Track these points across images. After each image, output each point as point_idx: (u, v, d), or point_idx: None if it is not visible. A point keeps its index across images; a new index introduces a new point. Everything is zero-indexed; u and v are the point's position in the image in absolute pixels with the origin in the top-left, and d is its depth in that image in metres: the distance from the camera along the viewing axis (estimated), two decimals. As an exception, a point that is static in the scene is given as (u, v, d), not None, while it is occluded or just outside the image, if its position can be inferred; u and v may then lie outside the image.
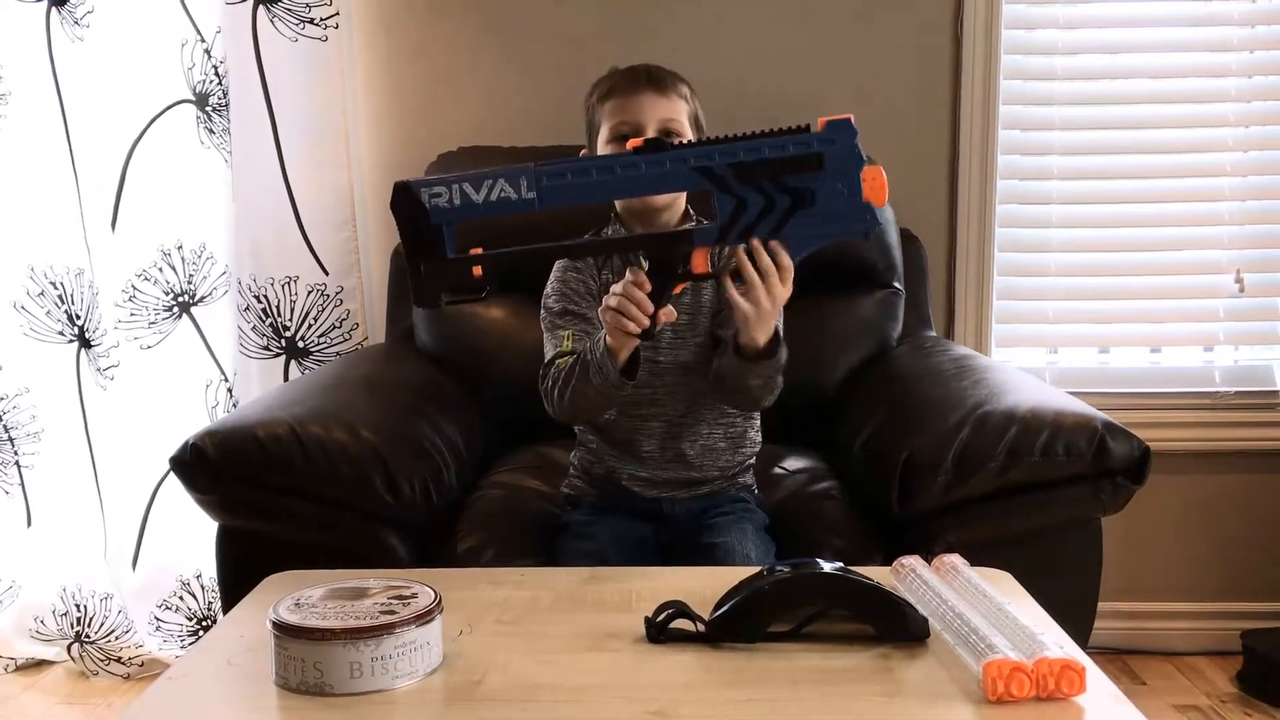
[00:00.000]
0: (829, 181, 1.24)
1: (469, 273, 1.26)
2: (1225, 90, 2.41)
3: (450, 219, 1.24)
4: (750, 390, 1.55)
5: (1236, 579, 2.47)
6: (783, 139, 1.24)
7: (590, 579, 1.32)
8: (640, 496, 1.68)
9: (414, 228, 1.24)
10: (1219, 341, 2.49)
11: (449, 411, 1.85)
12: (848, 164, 1.24)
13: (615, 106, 1.64)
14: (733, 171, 1.24)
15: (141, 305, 2.36)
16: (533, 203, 1.23)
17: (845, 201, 1.24)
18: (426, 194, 1.23)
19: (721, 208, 1.26)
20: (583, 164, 1.26)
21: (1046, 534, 1.64)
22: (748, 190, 1.25)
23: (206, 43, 2.32)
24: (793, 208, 1.26)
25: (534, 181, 1.23)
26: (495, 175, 1.23)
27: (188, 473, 1.59)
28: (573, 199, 1.25)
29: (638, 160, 1.24)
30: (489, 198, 1.22)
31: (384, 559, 1.60)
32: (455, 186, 1.23)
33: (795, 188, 1.25)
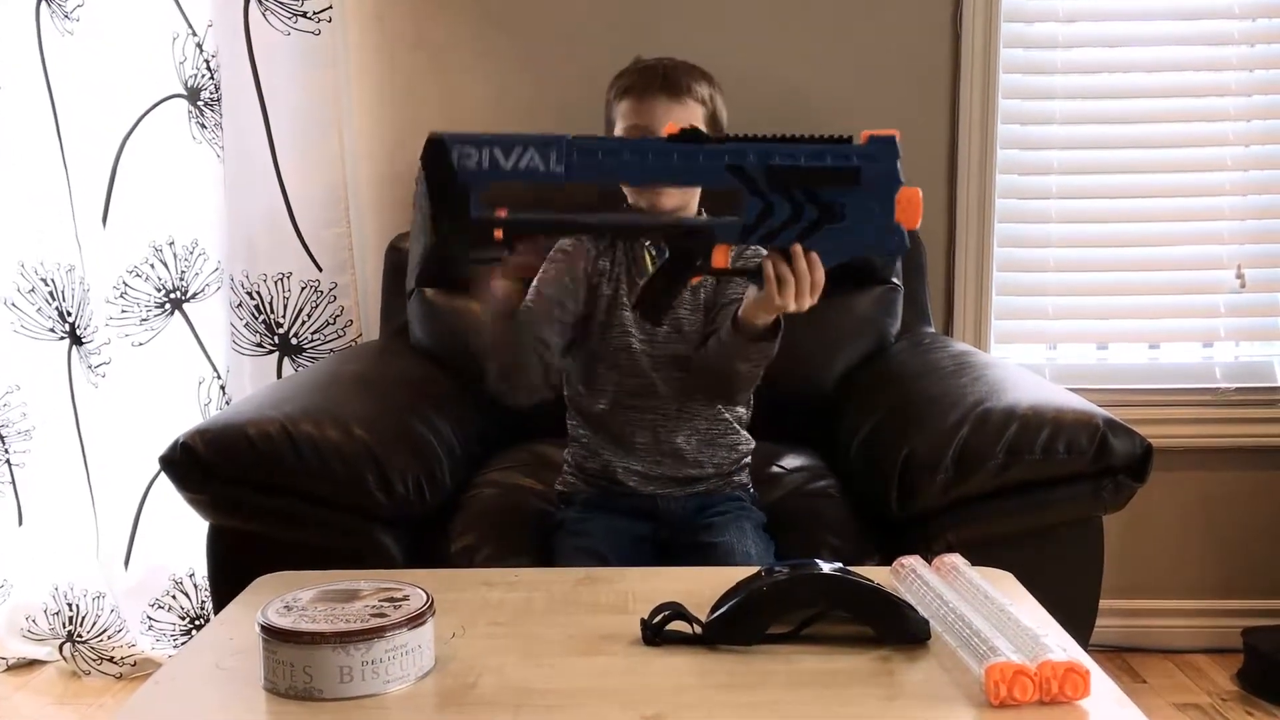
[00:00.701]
0: (862, 198, 1.21)
1: (490, 235, 1.23)
2: (1226, 85, 2.39)
3: (476, 180, 1.21)
4: (735, 375, 1.53)
5: (1237, 576, 2.46)
6: (822, 147, 1.21)
7: (585, 580, 1.30)
8: (636, 493, 1.66)
9: (440, 183, 1.22)
10: (1220, 337, 2.47)
11: (443, 409, 1.83)
12: (884, 184, 1.20)
13: (628, 108, 1.62)
14: (765, 175, 1.21)
15: (133, 302, 2.34)
16: (560, 176, 1.20)
17: (876, 220, 1.21)
18: (458, 152, 1.20)
19: (749, 209, 1.23)
20: (616, 144, 1.23)
21: (1047, 533, 1.63)
22: (777, 196, 1.22)
23: (198, 36, 2.30)
24: (820, 221, 1.22)
25: (564, 154, 1.19)
26: (527, 142, 1.19)
27: (178, 472, 1.57)
28: (600, 177, 1.23)
29: (671, 149, 1.21)
30: (517, 164, 1.19)
31: (377, 558, 1.58)
32: (486, 149, 1.19)
33: (826, 201, 1.21)
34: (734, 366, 1.51)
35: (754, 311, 1.43)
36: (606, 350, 1.67)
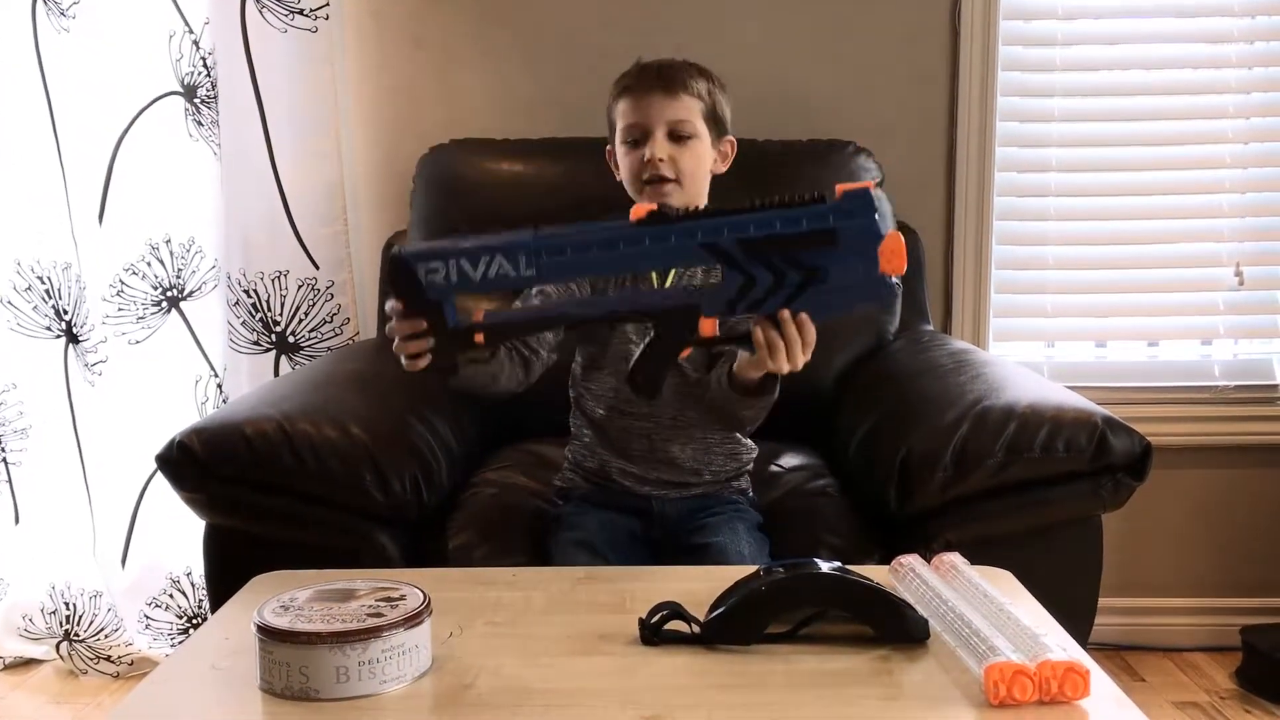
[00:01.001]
0: (843, 258, 1.18)
1: (471, 340, 1.23)
2: (1226, 81, 2.39)
3: (447, 295, 1.21)
4: (741, 419, 1.57)
5: (1236, 575, 2.46)
6: (796, 212, 1.18)
7: (584, 579, 1.30)
8: (631, 492, 1.66)
9: (412, 299, 1.22)
10: (1218, 335, 2.47)
11: (440, 408, 1.82)
12: (864, 241, 1.17)
13: (626, 107, 1.65)
14: (741, 248, 1.18)
15: (130, 300, 2.33)
16: (531, 279, 1.20)
17: (860, 275, 1.18)
18: (423, 270, 1.19)
19: (729, 282, 1.21)
20: (584, 237, 1.20)
21: (1046, 531, 1.62)
22: (757, 267, 1.19)
23: (195, 34, 2.29)
24: (804, 284, 1.20)
25: (533, 258, 1.18)
26: (492, 250, 1.18)
27: (174, 471, 1.57)
28: (573, 274, 1.26)
29: (642, 234, 1.19)
30: (486, 274, 1.18)
31: (374, 557, 1.57)
32: (452, 262, 1.19)
33: (807, 265, 1.19)
34: (737, 413, 1.54)
35: (748, 370, 1.44)
36: (607, 357, 1.67)
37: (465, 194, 2.16)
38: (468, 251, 1.18)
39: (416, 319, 1.23)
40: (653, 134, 1.61)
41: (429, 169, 2.20)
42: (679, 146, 1.62)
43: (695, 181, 1.65)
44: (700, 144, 1.64)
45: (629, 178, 1.65)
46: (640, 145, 1.63)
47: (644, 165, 1.61)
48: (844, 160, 2.15)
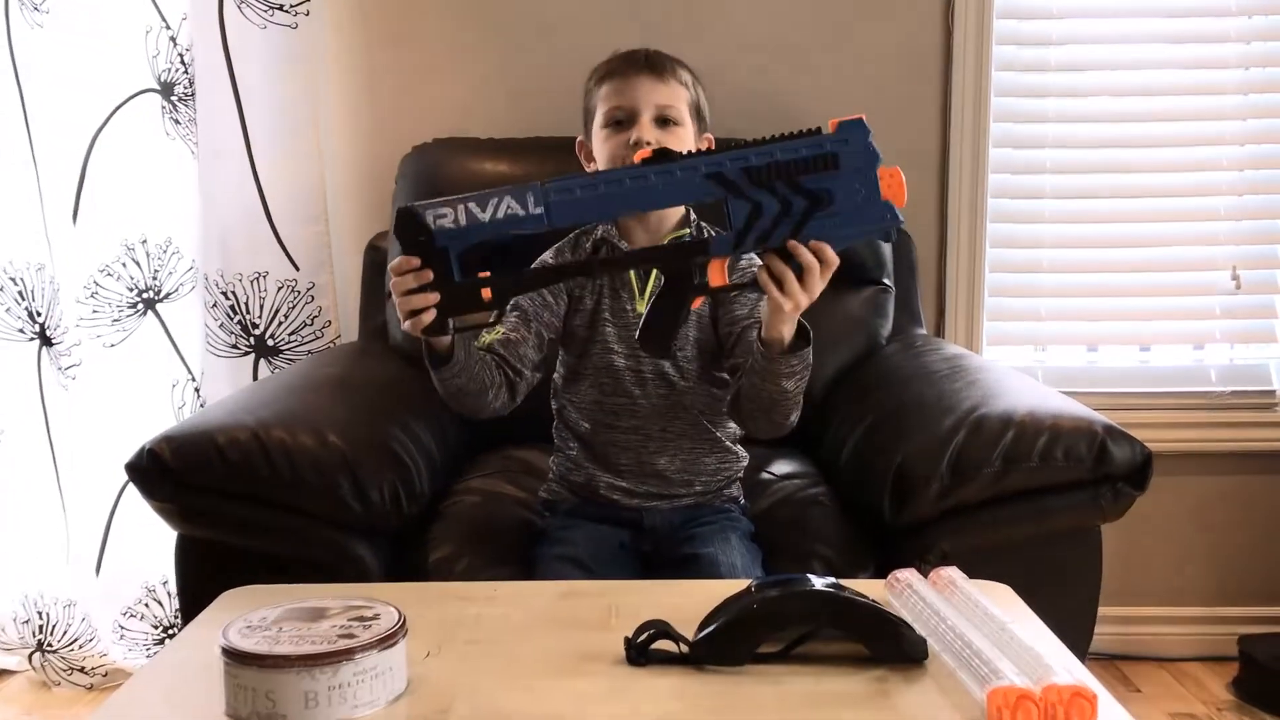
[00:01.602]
0: (845, 181, 1.20)
1: (478, 296, 1.24)
2: (1223, 82, 2.35)
3: (456, 240, 1.21)
4: (784, 397, 1.42)
5: (1233, 583, 2.42)
6: (794, 142, 1.21)
7: (567, 594, 1.25)
8: (620, 505, 1.61)
9: (420, 253, 1.22)
10: (1214, 340, 2.43)
11: (422, 413, 1.77)
12: (863, 162, 1.20)
13: (610, 90, 1.58)
14: (745, 176, 1.20)
15: (104, 302, 2.28)
16: (541, 219, 1.20)
17: (864, 201, 1.21)
18: (431, 215, 1.21)
19: (735, 214, 1.22)
20: (590, 178, 1.22)
21: (1044, 542, 1.58)
22: (762, 194, 1.21)
23: (172, 30, 2.24)
24: (810, 210, 1.21)
25: (541, 198, 1.20)
26: (501, 193, 1.20)
27: (145, 480, 1.51)
28: (582, 214, 1.24)
29: (646, 172, 1.21)
30: (496, 215, 1.20)
31: (352, 570, 1.52)
32: (460, 206, 1.20)
33: (811, 189, 1.21)
34: (780, 387, 1.41)
35: (774, 325, 1.35)
36: (587, 368, 1.62)
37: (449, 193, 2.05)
38: (477, 196, 1.20)
39: (423, 270, 1.22)
40: (639, 117, 1.56)
41: (412, 168, 2.16)
42: (665, 132, 1.57)
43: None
44: (686, 133, 1.59)
45: (608, 161, 1.58)
46: (625, 128, 1.57)
47: (627, 149, 1.55)
48: (835, 161, 2.10)
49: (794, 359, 1.38)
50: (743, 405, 1.48)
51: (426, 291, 1.24)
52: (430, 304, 1.25)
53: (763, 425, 1.49)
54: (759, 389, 1.43)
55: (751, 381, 1.43)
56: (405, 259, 1.24)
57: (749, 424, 1.52)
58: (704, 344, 1.60)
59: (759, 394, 1.43)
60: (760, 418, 1.48)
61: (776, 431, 1.49)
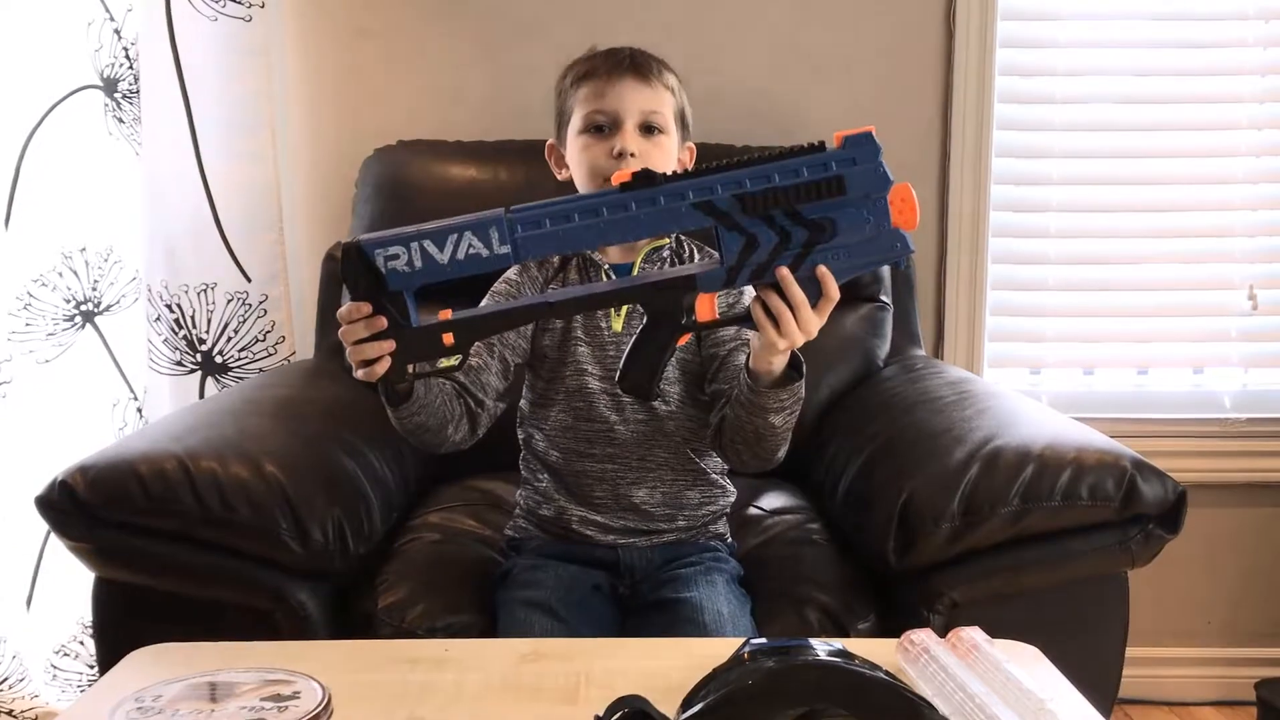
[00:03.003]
0: (851, 208, 1.08)
1: (439, 342, 1.10)
2: (1238, 91, 2.22)
3: (410, 282, 1.07)
4: (772, 431, 1.30)
5: (1249, 623, 2.29)
6: (794, 161, 1.07)
7: (531, 655, 1.09)
8: (594, 542, 1.45)
9: (369, 296, 1.08)
10: (1229, 363, 2.29)
11: (378, 440, 1.61)
12: (872, 187, 1.07)
13: (590, 92, 1.44)
14: (739, 204, 1.07)
15: (38, 314, 2.10)
16: (506, 258, 1.07)
17: (871, 229, 1.08)
18: (381, 256, 1.06)
19: (728, 246, 1.09)
20: (563, 207, 1.07)
21: (1066, 590, 1.43)
22: (758, 225, 1.08)
23: (116, 22, 2.09)
24: (811, 241, 1.08)
25: (506, 233, 1.06)
26: (461, 228, 1.06)
27: (56, 516, 1.36)
28: (553, 249, 1.09)
29: (627, 200, 1.07)
30: (455, 255, 1.06)
31: (291, 618, 1.36)
32: (415, 245, 1.06)
33: (812, 219, 1.07)
34: (767, 421, 1.28)
35: (765, 359, 1.22)
36: (558, 392, 1.47)
37: (414, 200, 1.96)
38: (432, 232, 1.07)
39: (375, 317, 1.08)
40: (623, 124, 1.42)
41: (374, 172, 2.01)
42: (649, 141, 1.44)
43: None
44: (670, 143, 1.46)
45: (588, 172, 1.45)
46: (606, 136, 1.43)
47: (610, 159, 1.42)
48: (830, 169, 1.96)
49: (784, 393, 1.25)
50: (725, 437, 1.36)
51: (380, 339, 1.10)
52: (384, 352, 1.11)
53: (748, 460, 1.36)
54: (744, 422, 1.30)
55: (736, 413, 1.30)
56: (354, 306, 1.10)
57: (732, 457, 1.39)
58: (687, 365, 1.46)
59: (744, 427, 1.31)
60: (745, 452, 1.35)
61: (763, 466, 1.37)
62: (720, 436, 1.37)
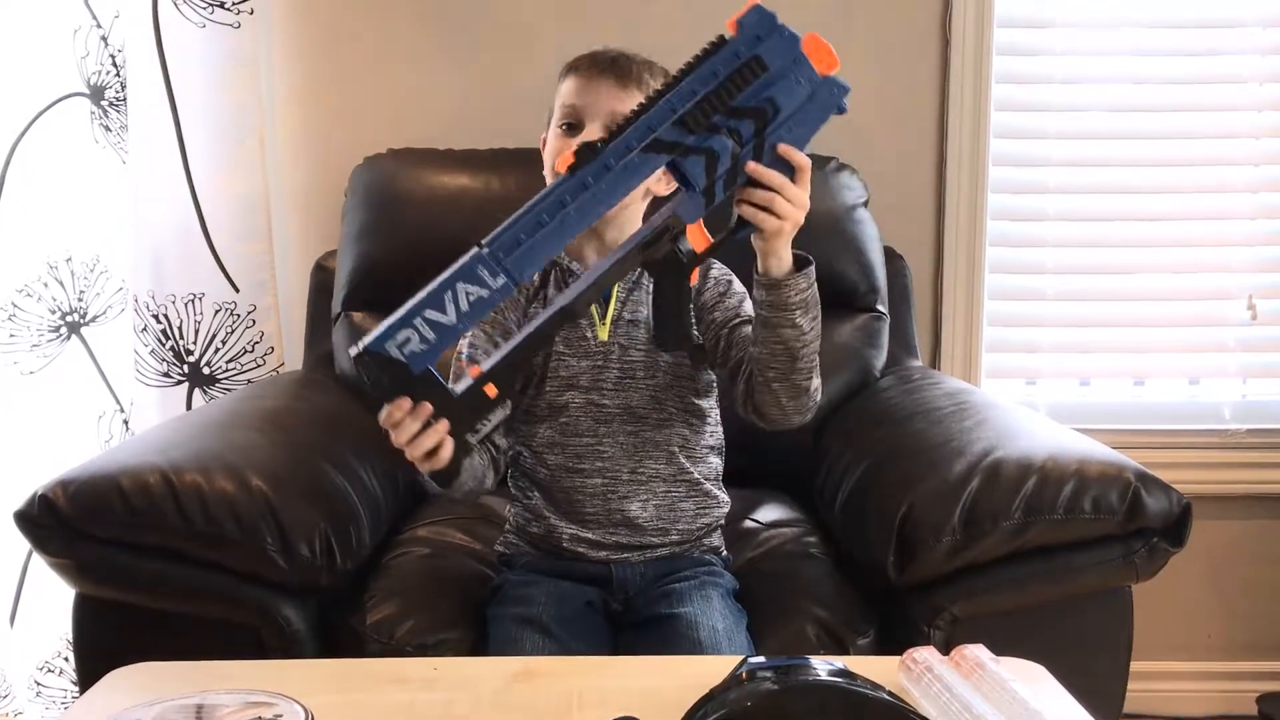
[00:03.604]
0: (779, 80, 1.10)
1: (484, 398, 1.09)
2: (1236, 99, 2.20)
3: (433, 358, 1.06)
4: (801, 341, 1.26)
5: (1251, 636, 2.26)
6: (709, 65, 1.10)
7: (522, 674, 1.06)
8: (586, 558, 1.43)
9: (402, 388, 1.07)
10: (1227, 374, 2.27)
11: (366, 452, 1.58)
12: (785, 51, 1.10)
13: (570, 88, 1.43)
14: (682, 128, 1.09)
15: (23, 325, 2.07)
16: (508, 287, 1.07)
17: (805, 88, 1.11)
18: (394, 347, 1.05)
19: (691, 171, 1.10)
20: (529, 216, 1.07)
21: (1069, 604, 1.41)
22: (707, 138, 1.10)
23: (103, 29, 2.06)
24: (760, 127, 1.10)
25: (494, 265, 1.05)
26: (450, 283, 1.05)
27: (36, 531, 1.33)
28: (543, 256, 1.08)
29: (581, 178, 1.07)
30: (460, 308, 1.05)
31: (277, 635, 1.33)
32: (418, 320, 1.05)
33: (751, 106, 1.09)
34: (794, 325, 1.25)
35: (769, 257, 1.22)
36: (542, 407, 1.44)
37: (404, 209, 1.93)
38: (426, 300, 1.05)
39: (417, 407, 1.08)
40: (585, 123, 1.40)
41: (364, 181, 1.98)
42: None
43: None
44: None
45: (547, 167, 1.45)
46: (573, 133, 1.41)
47: None
48: (824, 177, 1.93)
49: (801, 280, 1.23)
50: (757, 381, 1.31)
51: (433, 424, 1.08)
52: (442, 435, 1.10)
53: (784, 398, 1.30)
54: (772, 344, 1.26)
55: (761, 343, 1.27)
56: (394, 406, 1.08)
57: (769, 403, 1.32)
58: (679, 369, 1.43)
59: (774, 354, 1.27)
60: (782, 389, 1.29)
61: (802, 402, 1.32)
62: (751, 390, 1.32)
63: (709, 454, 1.49)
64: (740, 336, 1.36)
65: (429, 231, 1.88)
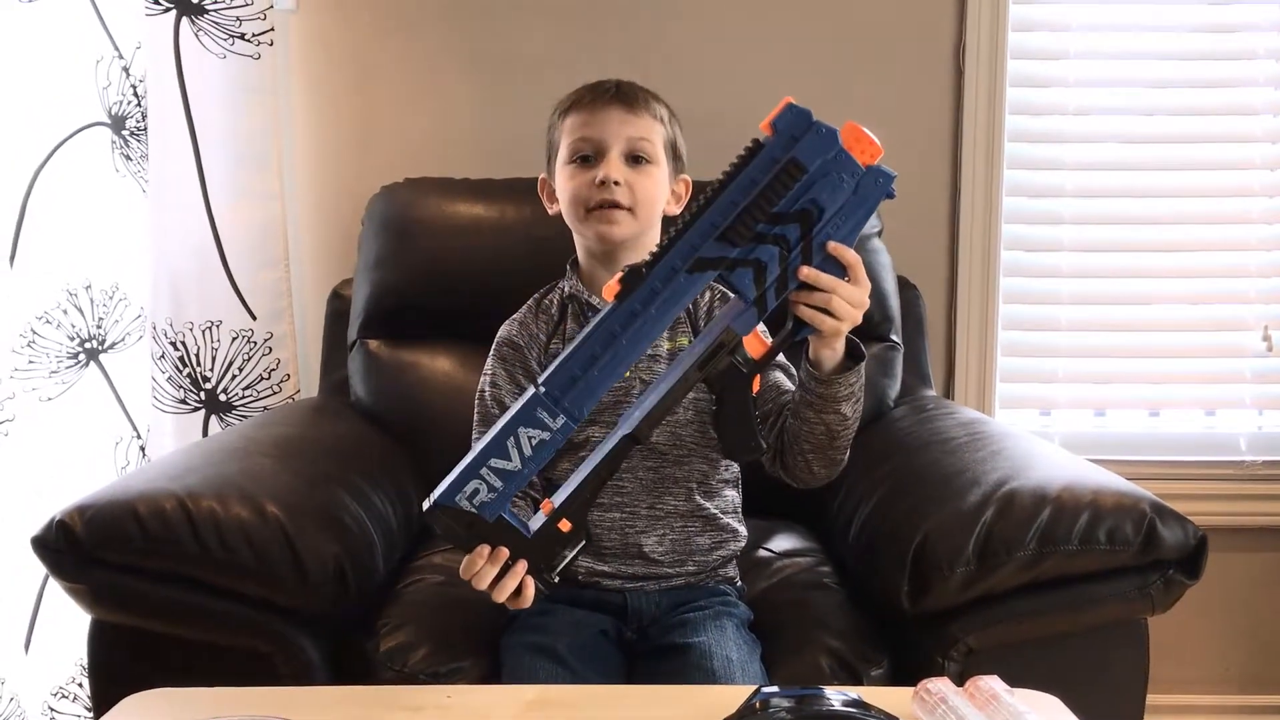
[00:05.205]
0: (820, 179, 1.07)
1: (559, 533, 1.11)
2: (1251, 130, 2.20)
3: (503, 505, 1.08)
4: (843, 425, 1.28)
5: (1269, 669, 2.24)
6: (746, 174, 1.06)
7: (535, 703, 1.06)
8: (601, 586, 1.43)
9: (479, 537, 1.09)
10: (1243, 405, 2.26)
11: (380, 479, 1.59)
12: (823, 149, 1.07)
13: (576, 122, 1.43)
14: (725, 244, 1.06)
15: (42, 351, 2.08)
16: (568, 426, 1.08)
17: (849, 183, 1.08)
18: (464, 499, 1.07)
19: (741, 284, 1.08)
20: (582, 351, 1.08)
21: (1083, 636, 1.39)
22: (753, 249, 1.07)
23: (125, 59, 2.08)
24: (806, 229, 1.08)
25: (553, 407, 1.07)
26: (511, 429, 1.07)
27: (52, 556, 1.33)
28: (600, 389, 1.09)
29: (631, 306, 1.07)
30: (524, 454, 1.07)
31: (290, 663, 1.33)
32: (485, 471, 1.06)
33: (795, 210, 1.07)
34: (839, 414, 1.26)
35: (822, 350, 1.21)
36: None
37: (419, 237, 1.94)
38: (490, 449, 1.07)
39: (495, 553, 1.11)
40: (608, 152, 1.40)
41: (380, 210, 1.99)
42: (636, 170, 1.42)
43: (650, 211, 1.44)
44: (659, 171, 1.44)
45: (572, 202, 1.44)
46: (591, 165, 1.42)
47: (593, 188, 1.40)
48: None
49: (851, 376, 1.23)
50: (792, 452, 1.32)
51: (512, 566, 1.11)
52: (520, 577, 1.12)
53: (818, 468, 1.32)
54: (813, 424, 1.27)
55: (802, 420, 1.28)
56: (473, 556, 1.11)
57: (800, 470, 1.34)
58: (702, 406, 1.43)
59: (813, 431, 1.28)
60: (815, 460, 1.31)
61: (830, 474, 1.34)
62: (783, 453, 1.33)
63: (724, 487, 1.50)
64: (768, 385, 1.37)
65: (444, 260, 1.90)
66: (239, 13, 2.03)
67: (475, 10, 2.15)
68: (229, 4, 2.03)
